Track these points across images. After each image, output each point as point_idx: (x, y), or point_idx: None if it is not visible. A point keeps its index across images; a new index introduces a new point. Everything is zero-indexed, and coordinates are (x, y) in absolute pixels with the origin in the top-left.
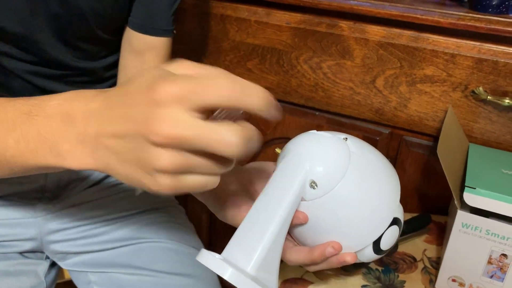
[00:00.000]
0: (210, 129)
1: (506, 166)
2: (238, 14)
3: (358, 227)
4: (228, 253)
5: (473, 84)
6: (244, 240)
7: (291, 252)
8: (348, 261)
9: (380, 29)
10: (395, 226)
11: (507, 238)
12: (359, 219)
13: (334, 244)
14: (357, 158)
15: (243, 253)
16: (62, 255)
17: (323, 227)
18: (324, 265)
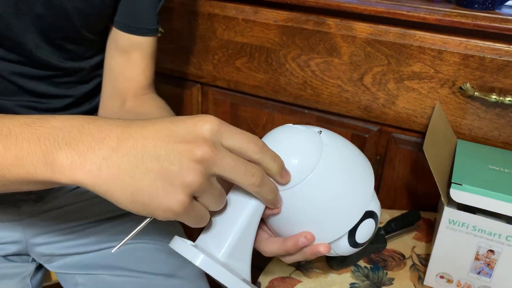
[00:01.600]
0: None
1: (493, 162)
2: (225, 12)
3: (330, 217)
4: (201, 241)
5: (460, 80)
6: (216, 229)
7: (266, 243)
8: (321, 252)
9: (367, 26)
10: (371, 219)
11: (494, 234)
12: (330, 210)
13: (306, 234)
14: (330, 150)
15: (215, 241)
16: (48, 257)
17: (296, 218)
18: (299, 256)
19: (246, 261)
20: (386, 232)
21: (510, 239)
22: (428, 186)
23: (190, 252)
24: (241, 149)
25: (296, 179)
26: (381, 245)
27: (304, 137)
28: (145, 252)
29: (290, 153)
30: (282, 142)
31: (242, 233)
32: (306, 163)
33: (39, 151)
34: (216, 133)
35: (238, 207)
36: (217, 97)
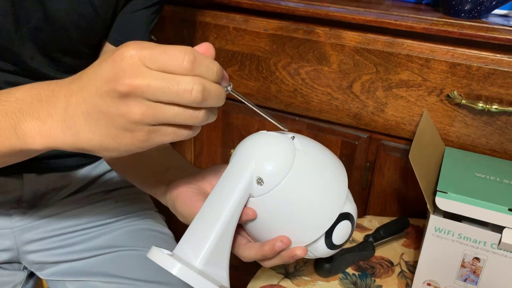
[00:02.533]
0: (169, 78)
1: (479, 169)
2: (216, 21)
3: (305, 220)
4: (179, 249)
5: (448, 88)
6: (193, 236)
7: (244, 249)
8: (298, 255)
9: (355, 35)
10: (347, 221)
11: (479, 242)
12: (305, 213)
13: (282, 238)
14: (303, 155)
15: (192, 249)
16: (40, 265)
17: (272, 222)
18: (277, 260)
19: (224, 267)
20: (374, 239)
21: (495, 246)
22: (417, 193)
23: (166, 261)
24: (167, 69)
25: (271, 184)
26: (369, 252)
27: (277, 143)
28: (136, 259)
29: (264, 159)
30: (256, 149)
31: (219, 239)
32: (280, 168)
33: (9, 125)
34: (136, 60)
35: (213, 214)
36: None
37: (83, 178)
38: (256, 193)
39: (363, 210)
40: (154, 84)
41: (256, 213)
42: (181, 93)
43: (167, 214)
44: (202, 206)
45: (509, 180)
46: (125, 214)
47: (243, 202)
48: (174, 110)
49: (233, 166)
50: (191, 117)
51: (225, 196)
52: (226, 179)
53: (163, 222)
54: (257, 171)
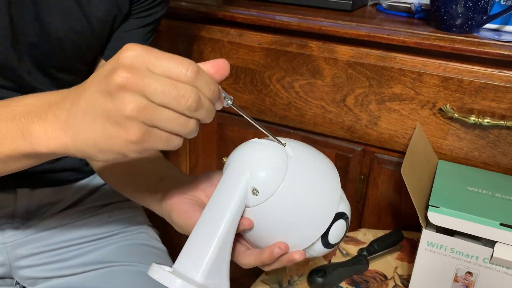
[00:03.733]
0: (168, 82)
1: (472, 183)
2: (211, 35)
3: (302, 226)
4: (179, 264)
5: (440, 102)
6: (192, 250)
7: (243, 256)
8: (296, 259)
9: (348, 49)
10: (342, 220)
11: (472, 256)
12: (302, 219)
13: (280, 244)
14: (295, 161)
15: (192, 263)
16: (32, 280)
17: (270, 230)
18: (276, 264)
19: (225, 276)
20: (368, 253)
21: (487, 261)
22: (411, 206)
23: (167, 278)
24: (170, 74)
25: (266, 194)
26: (363, 266)
27: (270, 152)
28: (129, 275)
29: (258, 170)
30: (249, 159)
31: (218, 252)
32: (274, 178)
33: (17, 127)
34: (139, 60)
35: (211, 228)
36: None
37: (77, 192)
38: (252, 203)
39: (358, 223)
40: (154, 84)
41: (252, 223)
42: (178, 98)
43: (161, 229)
44: (199, 219)
45: (501, 194)
46: (118, 229)
47: (240, 213)
48: (168, 114)
49: (227, 178)
50: (183, 124)
51: (221, 209)
52: (221, 191)
53: (157, 237)
54: (252, 182)
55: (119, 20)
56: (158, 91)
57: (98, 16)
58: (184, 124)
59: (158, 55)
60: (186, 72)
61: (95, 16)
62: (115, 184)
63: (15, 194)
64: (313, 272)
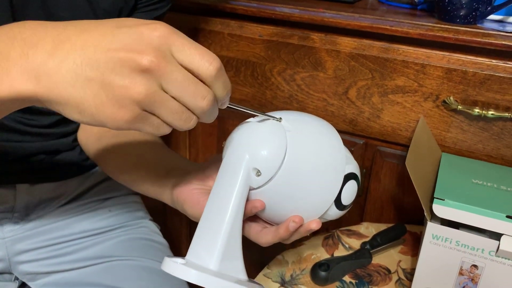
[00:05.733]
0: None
1: (476, 176)
2: (211, 27)
3: (312, 196)
4: (191, 254)
5: (444, 94)
6: (202, 238)
7: (261, 235)
8: (314, 228)
9: (350, 41)
10: (352, 181)
11: (477, 249)
12: (311, 189)
13: (295, 218)
14: (294, 134)
15: (204, 252)
16: (32, 275)
17: (282, 206)
18: (295, 236)
19: (238, 257)
20: (371, 246)
21: (493, 254)
22: (414, 199)
23: (182, 271)
24: (192, 65)
25: (270, 173)
26: (366, 260)
27: (266, 129)
28: (130, 269)
29: (257, 150)
30: (247, 140)
31: (229, 237)
32: (274, 156)
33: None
34: (166, 42)
35: (218, 215)
36: None
37: (76, 187)
38: (257, 184)
39: (360, 216)
40: (176, 74)
41: (264, 203)
42: (196, 95)
43: (162, 223)
44: (206, 207)
45: (506, 187)
46: (119, 224)
47: (245, 196)
48: (175, 107)
49: (227, 162)
50: (184, 120)
51: (225, 195)
52: (223, 176)
53: (157, 231)
54: (253, 163)
55: (125, 13)
56: (178, 82)
57: (104, 8)
58: (185, 120)
59: (184, 42)
60: (209, 66)
61: (101, 9)
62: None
63: (14, 190)
64: (316, 266)
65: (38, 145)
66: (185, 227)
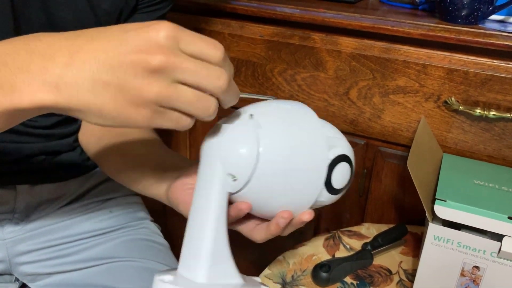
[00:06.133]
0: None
1: (478, 176)
2: (211, 27)
3: (297, 188)
4: (182, 264)
5: (445, 94)
6: (189, 248)
7: (255, 233)
8: (306, 220)
9: (352, 41)
10: (343, 163)
11: (479, 250)
12: (294, 182)
13: (283, 214)
14: (266, 130)
15: (192, 261)
16: (33, 276)
17: (269, 202)
18: (289, 229)
19: (228, 262)
20: (372, 247)
21: (495, 255)
22: (415, 200)
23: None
24: (201, 54)
25: (246, 176)
26: (367, 261)
27: (235, 130)
28: (131, 270)
29: (230, 152)
30: (218, 144)
31: (214, 244)
32: (248, 157)
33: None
34: (173, 39)
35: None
36: None
37: (77, 188)
38: (236, 189)
39: (361, 217)
40: (187, 63)
41: (250, 205)
42: (211, 77)
43: (163, 224)
44: (189, 216)
45: (507, 188)
46: (120, 224)
47: (224, 203)
48: (191, 96)
49: (202, 171)
50: (203, 107)
51: (204, 204)
52: (200, 185)
53: (158, 232)
54: (226, 169)
55: (126, 13)
56: (190, 70)
57: (104, 8)
58: (204, 106)
59: (190, 35)
60: (216, 52)
61: (101, 9)
62: (119, 177)
63: (15, 190)
64: (317, 267)
65: (38, 145)
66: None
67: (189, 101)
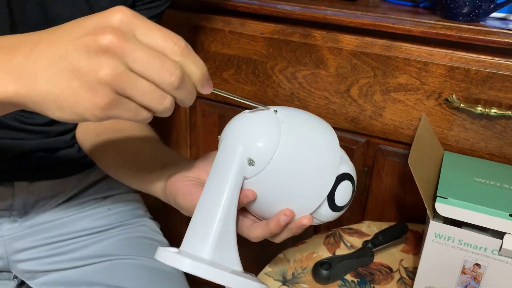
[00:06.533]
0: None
1: (479, 174)
2: (212, 24)
3: (304, 190)
4: (185, 243)
5: (446, 92)
6: (196, 228)
7: (251, 230)
8: (305, 224)
9: (353, 38)
10: (346, 181)
11: (480, 248)
12: (303, 183)
13: (285, 211)
14: (288, 126)
15: (198, 242)
16: (31, 274)
17: (273, 198)
18: (286, 233)
19: (233, 250)
20: (373, 245)
21: (496, 252)
22: (416, 198)
23: (175, 260)
24: (157, 46)
25: (262, 162)
26: (368, 258)
27: (261, 120)
28: (130, 268)
29: (251, 139)
30: (241, 130)
31: (222, 227)
32: (268, 145)
33: None
34: (127, 24)
35: (212, 204)
36: (205, 109)
37: (75, 186)
38: (250, 174)
39: (361, 215)
40: (138, 52)
41: (255, 193)
42: (163, 71)
43: (162, 222)
44: (200, 198)
45: (509, 185)
46: (118, 222)
47: (239, 186)
48: (146, 86)
49: (222, 152)
50: (158, 100)
51: (219, 184)
52: (217, 166)
53: (157, 230)
54: (246, 153)
55: None
56: (142, 59)
57: (101, 5)
58: (159, 99)
59: (147, 24)
60: (174, 46)
61: (99, 6)
62: (116, 173)
63: (12, 187)
64: (318, 264)
65: (36, 142)
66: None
67: (143, 91)
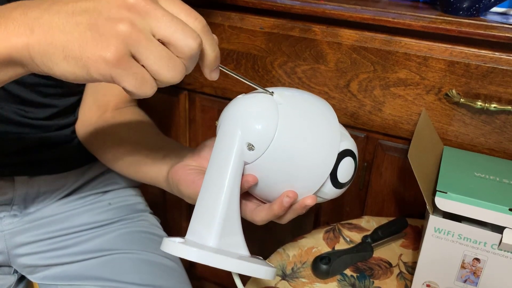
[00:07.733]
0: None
1: (478, 169)
2: (211, 19)
3: (306, 170)
4: (190, 232)
5: (446, 86)
6: (200, 217)
7: (255, 213)
8: (309, 204)
9: (352, 33)
10: (348, 158)
11: (479, 242)
12: (304, 163)
13: (288, 193)
14: (286, 107)
15: (203, 229)
16: (31, 268)
17: (275, 181)
18: (290, 214)
19: (238, 233)
20: (372, 240)
21: (495, 247)
22: (415, 193)
23: (182, 250)
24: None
25: (262, 146)
26: (367, 253)
27: (257, 103)
28: (131, 263)
29: (249, 124)
30: (238, 115)
31: (226, 213)
32: (266, 129)
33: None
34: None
35: (214, 188)
36: (204, 104)
37: (76, 180)
38: (251, 159)
39: (361, 210)
40: (165, 15)
41: (256, 178)
42: (187, 34)
43: (162, 216)
44: (202, 185)
45: (508, 180)
46: (119, 217)
47: (240, 171)
48: (162, 51)
49: (220, 139)
50: (172, 68)
51: (220, 171)
52: (217, 153)
53: (158, 224)
54: (245, 137)
55: None
56: (167, 21)
57: None
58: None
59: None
60: (195, 21)
61: None
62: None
63: (13, 182)
64: (317, 259)
65: (36, 137)
66: (185, 220)
67: (159, 55)
